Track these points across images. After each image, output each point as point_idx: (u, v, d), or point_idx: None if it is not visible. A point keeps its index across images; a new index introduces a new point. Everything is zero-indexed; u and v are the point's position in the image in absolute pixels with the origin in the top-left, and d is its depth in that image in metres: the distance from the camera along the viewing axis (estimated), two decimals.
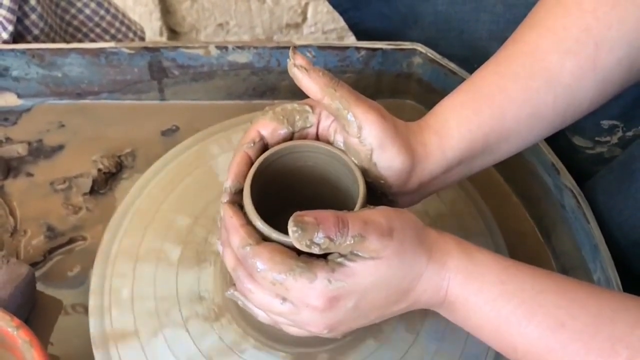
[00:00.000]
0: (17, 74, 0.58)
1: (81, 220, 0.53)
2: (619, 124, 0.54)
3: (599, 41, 0.39)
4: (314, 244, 0.32)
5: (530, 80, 0.39)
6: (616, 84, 0.41)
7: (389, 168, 0.38)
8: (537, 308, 0.34)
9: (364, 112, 0.37)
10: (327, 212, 0.33)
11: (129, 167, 0.57)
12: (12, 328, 0.38)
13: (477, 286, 0.35)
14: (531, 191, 0.55)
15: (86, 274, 0.50)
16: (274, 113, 0.39)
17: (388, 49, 0.58)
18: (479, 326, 0.35)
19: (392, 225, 0.34)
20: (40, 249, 0.51)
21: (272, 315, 0.37)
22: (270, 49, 0.57)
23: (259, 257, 0.34)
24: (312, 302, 0.34)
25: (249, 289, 0.36)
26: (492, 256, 0.36)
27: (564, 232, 0.52)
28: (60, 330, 0.47)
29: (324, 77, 0.37)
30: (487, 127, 0.39)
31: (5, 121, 0.59)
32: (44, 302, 0.48)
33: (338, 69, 0.59)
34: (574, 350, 0.33)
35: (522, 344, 0.34)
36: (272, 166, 0.39)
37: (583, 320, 0.33)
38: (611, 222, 0.49)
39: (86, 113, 0.60)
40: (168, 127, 0.59)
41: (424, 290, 0.35)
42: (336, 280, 0.34)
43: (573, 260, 0.51)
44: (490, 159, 0.41)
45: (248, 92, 0.61)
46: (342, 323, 0.35)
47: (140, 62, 0.58)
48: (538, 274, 0.35)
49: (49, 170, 0.56)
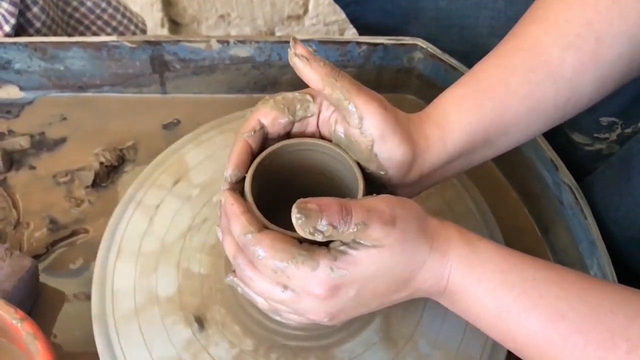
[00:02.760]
0: (19, 66, 0.58)
1: (83, 213, 0.53)
2: (617, 121, 0.54)
3: (600, 36, 0.39)
4: (317, 231, 0.32)
5: (532, 74, 0.40)
6: (616, 79, 0.41)
7: (390, 159, 0.38)
8: (538, 299, 0.34)
9: (365, 102, 0.37)
10: (331, 199, 0.33)
11: (131, 160, 0.57)
12: (16, 320, 0.38)
13: (478, 275, 0.35)
14: (530, 187, 0.56)
15: (88, 266, 0.50)
16: (275, 102, 0.39)
17: (389, 43, 0.58)
18: (479, 316, 0.35)
19: (395, 214, 0.34)
20: (43, 241, 0.51)
21: (272, 302, 0.37)
22: (272, 43, 0.58)
23: (260, 244, 0.34)
24: (314, 290, 0.34)
25: (249, 276, 0.36)
26: (493, 246, 0.36)
27: (562, 228, 0.52)
28: (63, 321, 0.47)
29: (325, 66, 0.37)
30: (487, 120, 0.39)
31: (7, 114, 0.59)
32: (47, 294, 0.49)
33: (339, 63, 0.59)
34: (574, 342, 0.33)
35: (521, 334, 0.34)
36: (272, 164, 0.39)
37: (583, 312, 0.33)
38: (609, 218, 0.49)
39: (88, 106, 0.60)
40: (169, 120, 0.60)
41: (425, 279, 0.35)
42: (338, 268, 0.34)
43: (570, 256, 0.51)
44: (490, 152, 0.41)
45: (249, 86, 0.61)
46: (343, 311, 0.35)
47: (142, 55, 0.58)
48: (539, 264, 0.35)
49: (51, 163, 0.56)
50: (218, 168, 0.52)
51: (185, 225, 0.49)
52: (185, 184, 0.51)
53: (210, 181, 0.51)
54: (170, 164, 0.52)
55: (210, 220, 0.49)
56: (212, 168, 0.52)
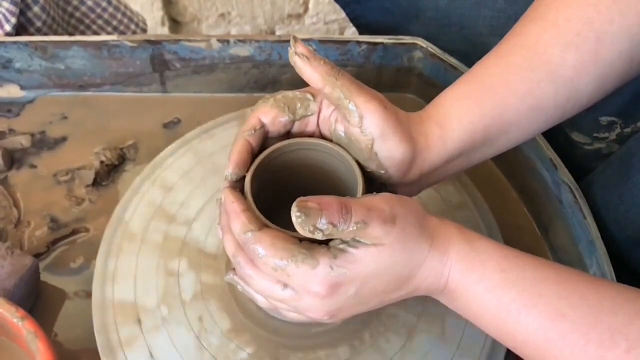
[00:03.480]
0: (20, 66, 0.58)
1: (84, 212, 0.53)
2: (617, 121, 0.54)
3: (600, 35, 0.39)
4: (317, 229, 0.32)
5: (532, 73, 0.40)
6: (616, 78, 0.41)
7: (390, 158, 0.38)
8: (538, 298, 0.34)
9: (366, 101, 0.37)
10: (331, 198, 0.33)
11: (131, 159, 0.57)
12: (17, 319, 0.38)
13: (478, 274, 0.35)
14: (530, 187, 0.56)
15: (89, 265, 0.50)
16: (276, 101, 0.39)
17: (389, 43, 0.58)
18: (479, 314, 0.36)
19: (395, 212, 0.34)
20: (44, 240, 0.51)
21: (272, 301, 0.37)
22: (272, 43, 0.58)
23: (260, 243, 0.34)
24: (314, 288, 0.34)
25: (249, 274, 0.36)
26: (493, 245, 0.36)
27: (562, 228, 0.52)
28: (63, 319, 0.48)
29: (326, 65, 0.37)
30: (488, 119, 0.39)
31: (8, 113, 0.59)
32: (48, 293, 0.49)
33: (339, 63, 0.59)
34: (573, 341, 0.33)
35: (521, 333, 0.34)
36: (272, 164, 0.39)
37: (583, 311, 0.33)
38: (608, 217, 0.49)
39: (89, 105, 0.60)
40: (170, 119, 0.60)
41: (425, 277, 0.35)
42: (338, 267, 0.34)
43: (570, 255, 0.51)
44: (490, 151, 0.41)
45: (249, 85, 0.61)
46: (342, 310, 0.35)
47: (142, 55, 0.58)
48: (539, 263, 0.35)
49: (52, 162, 0.56)
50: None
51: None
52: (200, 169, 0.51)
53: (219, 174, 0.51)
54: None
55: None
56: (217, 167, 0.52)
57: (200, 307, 0.45)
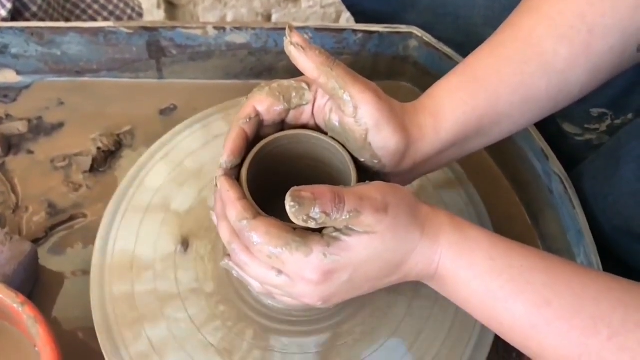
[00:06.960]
0: (16, 51, 0.58)
1: (81, 198, 0.54)
2: (608, 112, 0.55)
3: (592, 28, 0.39)
4: (311, 218, 0.33)
5: (525, 65, 0.40)
6: (607, 70, 0.42)
7: (384, 148, 0.38)
8: (525, 285, 0.35)
9: (360, 92, 0.37)
10: (324, 187, 0.34)
11: (128, 145, 0.57)
12: (17, 304, 0.39)
13: (467, 261, 0.36)
14: (521, 176, 0.57)
15: (87, 250, 0.51)
16: (271, 89, 0.39)
17: (385, 31, 0.59)
18: (467, 300, 0.36)
19: (387, 201, 0.35)
20: (42, 225, 0.52)
21: (267, 286, 0.37)
22: (268, 30, 0.58)
23: (255, 230, 0.35)
24: (308, 275, 0.35)
25: (244, 261, 0.36)
26: (483, 232, 0.37)
27: (551, 217, 0.53)
28: (62, 301, 0.48)
29: (321, 55, 0.37)
30: (481, 110, 0.40)
31: (5, 98, 0.59)
32: (46, 277, 0.49)
33: (335, 50, 0.59)
34: (558, 327, 0.34)
35: (508, 319, 0.35)
36: (267, 155, 0.40)
37: (568, 299, 0.34)
38: (597, 207, 0.50)
39: (85, 91, 0.60)
40: (166, 105, 0.60)
41: (416, 263, 0.36)
42: (331, 254, 0.34)
43: (558, 244, 0.52)
44: (482, 141, 0.42)
45: (245, 72, 0.61)
46: (335, 295, 0.36)
47: (138, 41, 0.58)
48: (527, 252, 0.36)
49: (49, 148, 0.56)
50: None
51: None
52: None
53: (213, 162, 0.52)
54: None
55: None
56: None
57: None
